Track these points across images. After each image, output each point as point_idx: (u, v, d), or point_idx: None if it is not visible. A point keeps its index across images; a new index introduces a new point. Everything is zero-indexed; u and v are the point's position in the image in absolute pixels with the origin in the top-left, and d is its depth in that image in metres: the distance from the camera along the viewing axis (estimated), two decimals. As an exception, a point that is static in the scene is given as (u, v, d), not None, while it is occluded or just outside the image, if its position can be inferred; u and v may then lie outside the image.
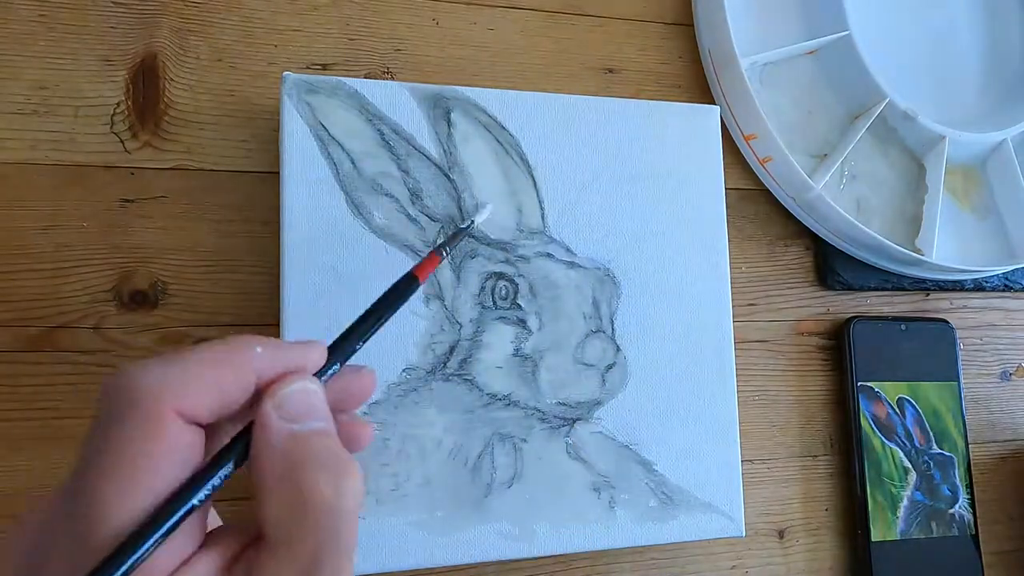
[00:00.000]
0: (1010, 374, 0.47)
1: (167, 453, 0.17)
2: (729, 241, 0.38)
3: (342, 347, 0.22)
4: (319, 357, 0.21)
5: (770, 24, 0.45)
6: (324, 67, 0.38)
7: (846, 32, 0.44)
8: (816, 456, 0.43)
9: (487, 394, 0.34)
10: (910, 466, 0.43)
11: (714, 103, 0.43)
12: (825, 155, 0.44)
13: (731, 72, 0.41)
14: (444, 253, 0.29)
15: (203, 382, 0.18)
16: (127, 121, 0.35)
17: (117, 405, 0.17)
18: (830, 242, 0.44)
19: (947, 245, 0.46)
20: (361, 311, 0.24)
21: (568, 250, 0.35)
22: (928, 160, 0.46)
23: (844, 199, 0.44)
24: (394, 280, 0.25)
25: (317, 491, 0.18)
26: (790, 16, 0.45)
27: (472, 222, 0.32)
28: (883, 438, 0.42)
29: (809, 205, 0.42)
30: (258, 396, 0.19)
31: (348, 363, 0.22)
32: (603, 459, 0.35)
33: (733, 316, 0.37)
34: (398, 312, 0.33)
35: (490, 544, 0.33)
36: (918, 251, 0.44)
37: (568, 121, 0.36)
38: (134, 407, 0.17)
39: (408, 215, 0.34)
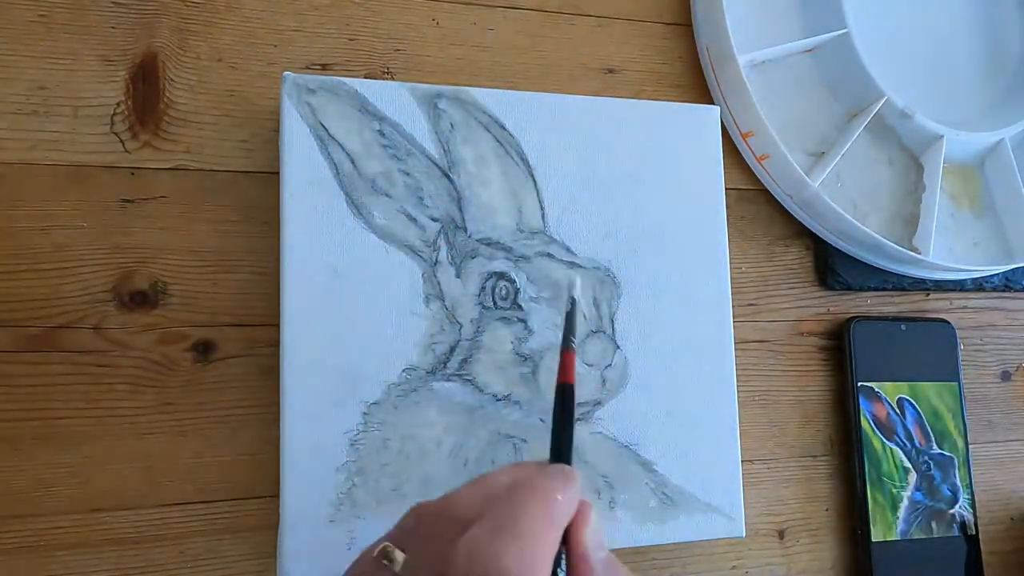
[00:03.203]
0: (1010, 374, 0.47)
1: None
2: (729, 241, 0.38)
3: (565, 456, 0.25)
4: (578, 480, 0.24)
5: (768, 22, 0.45)
6: (324, 67, 0.38)
7: (844, 30, 0.44)
8: (816, 456, 0.43)
9: (487, 394, 0.34)
10: (910, 466, 0.43)
11: (712, 102, 0.43)
12: (822, 153, 0.44)
13: (729, 69, 0.41)
14: (573, 344, 0.28)
15: (548, 552, 0.21)
16: (127, 121, 0.35)
17: None
18: (828, 240, 0.44)
19: (944, 244, 0.46)
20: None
21: (568, 250, 0.36)
22: (926, 159, 0.46)
23: (841, 197, 0.44)
24: (552, 397, 0.27)
25: None
26: (788, 14, 0.45)
27: (575, 299, 0.31)
28: (883, 438, 0.42)
29: (806, 203, 0.42)
30: None
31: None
32: (603, 459, 0.35)
33: (733, 316, 0.37)
34: (399, 313, 0.33)
35: (490, 544, 0.33)
36: (915, 250, 0.44)
37: (568, 121, 0.36)
38: None
39: (408, 215, 0.34)
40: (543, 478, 0.23)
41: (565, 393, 0.26)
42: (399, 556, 0.22)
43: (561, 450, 0.25)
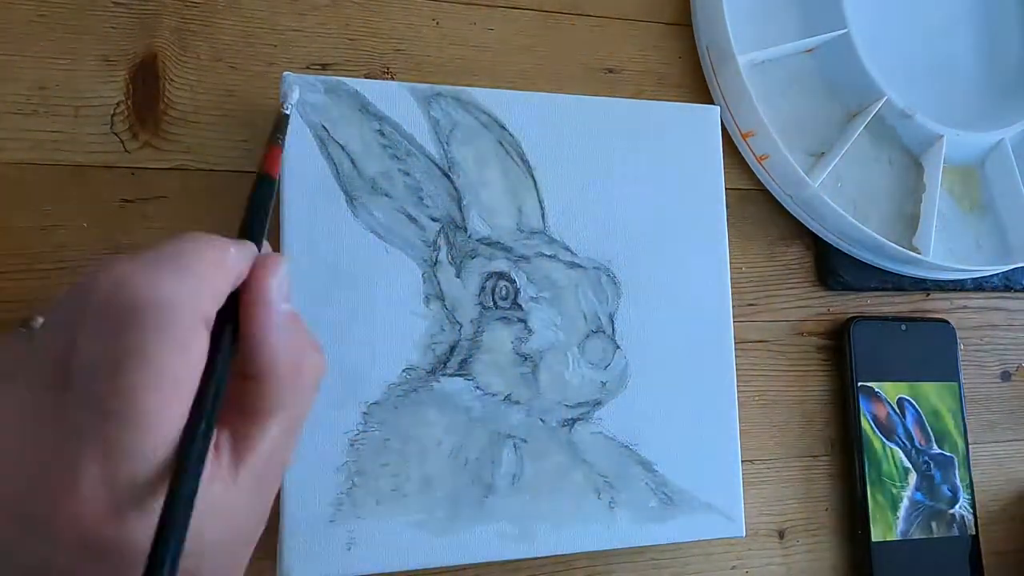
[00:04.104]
0: (1010, 374, 0.47)
1: (199, 363, 0.18)
2: (729, 241, 0.38)
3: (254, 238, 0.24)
4: (254, 250, 0.22)
5: (768, 22, 0.45)
6: (324, 67, 0.38)
7: (844, 30, 0.44)
8: (816, 456, 0.43)
9: (487, 394, 0.34)
10: (910, 466, 0.43)
11: (712, 102, 0.43)
12: (822, 153, 0.44)
13: (729, 69, 0.41)
14: (280, 141, 0.28)
15: (214, 287, 0.19)
16: (127, 121, 0.35)
17: (152, 319, 0.18)
18: (828, 241, 0.44)
19: (945, 244, 0.46)
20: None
21: (568, 250, 0.36)
22: (926, 159, 0.46)
23: (841, 197, 0.44)
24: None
25: (314, 368, 0.21)
26: (788, 14, 0.45)
27: (288, 108, 0.30)
28: (883, 438, 0.42)
29: (806, 203, 0.42)
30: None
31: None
32: (603, 459, 0.35)
33: (733, 316, 0.37)
34: (399, 313, 0.33)
35: (490, 544, 0.33)
36: (915, 250, 0.44)
37: (568, 121, 0.36)
38: (172, 324, 0.18)
39: (408, 215, 0.34)
40: (214, 237, 0.20)
41: (263, 185, 0.25)
42: (38, 320, 0.19)
43: (247, 232, 0.23)
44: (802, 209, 0.43)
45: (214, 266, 0.19)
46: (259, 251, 0.23)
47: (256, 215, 0.24)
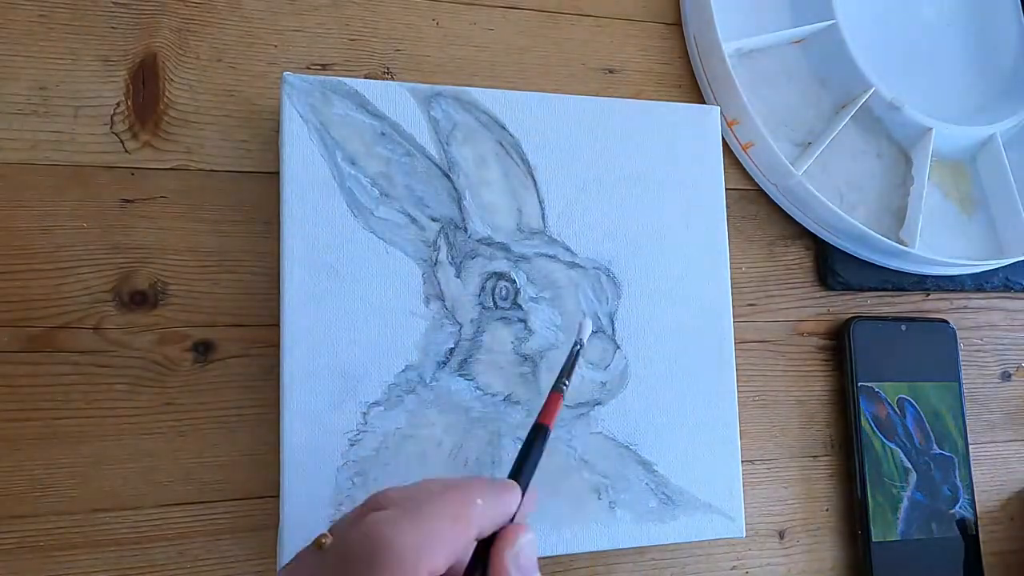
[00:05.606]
0: (1010, 374, 0.47)
1: None
2: (729, 241, 0.38)
3: (521, 483, 0.25)
4: (516, 499, 0.24)
5: (757, 12, 0.45)
6: (324, 67, 0.38)
7: (832, 21, 0.44)
8: (816, 456, 0.43)
9: (487, 394, 0.34)
10: (910, 466, 0.43)
11: (700, 91, 0.43)
12: (809, 143, 0.44)
13: (714, 57, 0.41)
14: (564, 387, 0.28)
15: (446, 542, 0.21)
16: (127, 121, 0.35)
17: (379, 559, 0.20)
18: (814, 232, 0.43)
19: (934, 239, 0.45)
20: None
21: (568, 250, 0.36)
22: (914, 152, 0.46)
23: (828, 188, 0.44)
24: (525, 435, 0.27)
25: None
26: (777, 4, 0.45)
27: (580, 342, 0.31)
28: (883, 438, 0.42)
29: (791, 192, 0.42)
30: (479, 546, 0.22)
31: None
32: (603, 459, 0.35)
33: (733, 316, 0.37)
34: (399, 313, 0.33)
35: (490, 544, 0.33)
36: (902, 242, 0.43)
37: (568, 121, 0.36)
38: (397, 567, 0.20)
39: (408, 215, 0.34)
40: (473, 482, 0.23)
41: (537, 434, 0.26)
42: (327, 541, 0.22)
43: (517, 476, 0.25)
44: (786, 198, 0.43)
45: (452, 520, 0.21)
46: (521, 498, 0.24)
47: (527, 464, 0.26)
